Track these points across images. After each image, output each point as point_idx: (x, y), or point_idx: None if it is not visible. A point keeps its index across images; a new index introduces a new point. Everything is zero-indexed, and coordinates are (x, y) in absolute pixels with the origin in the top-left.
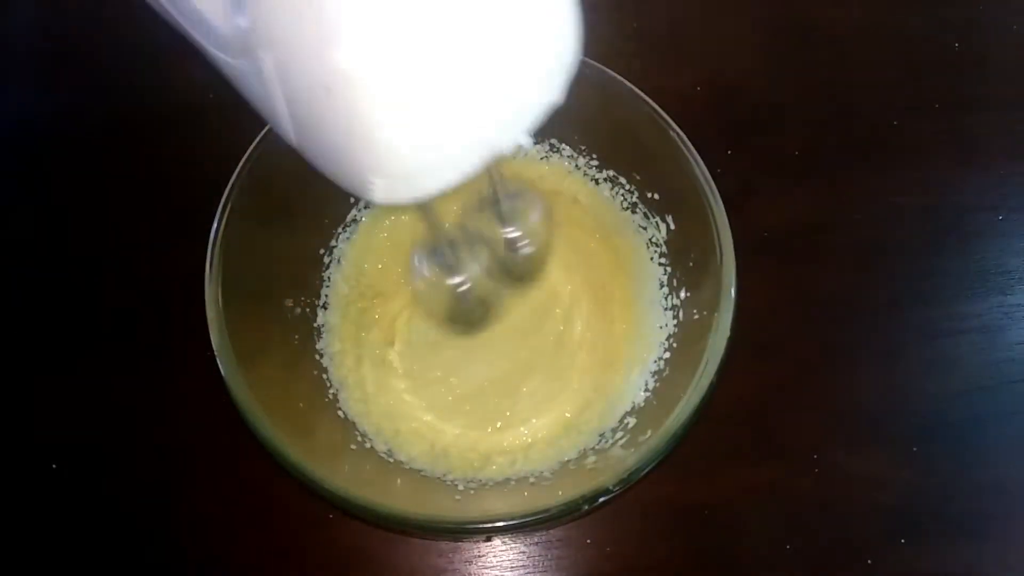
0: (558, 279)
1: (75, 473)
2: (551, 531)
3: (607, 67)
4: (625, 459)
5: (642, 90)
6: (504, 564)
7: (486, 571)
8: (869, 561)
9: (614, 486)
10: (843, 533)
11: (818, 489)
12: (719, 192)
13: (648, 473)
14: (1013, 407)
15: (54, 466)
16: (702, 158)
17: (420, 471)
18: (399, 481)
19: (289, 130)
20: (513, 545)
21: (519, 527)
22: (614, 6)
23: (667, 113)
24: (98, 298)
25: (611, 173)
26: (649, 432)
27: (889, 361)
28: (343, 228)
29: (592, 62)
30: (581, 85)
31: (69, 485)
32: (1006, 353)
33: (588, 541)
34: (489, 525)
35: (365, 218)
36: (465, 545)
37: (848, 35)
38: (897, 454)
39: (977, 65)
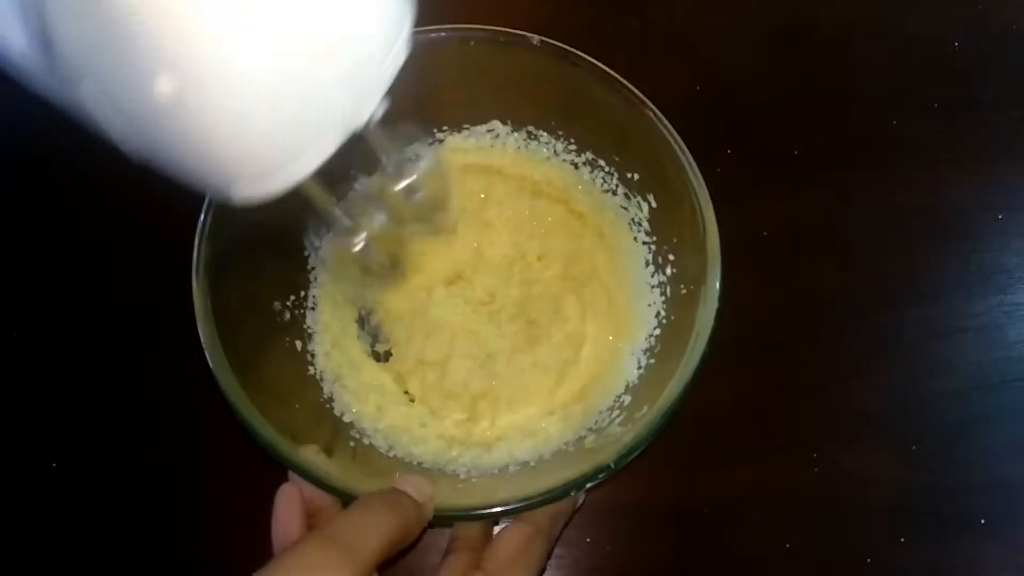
0: (544, 264)
1: (75, 473)
2: None
3: (607, 66)
4: (623, 436)
5: (641, 90)
6: None
7: None
8: (869, 560)
9: (614, 463)
10: (842, 532)
11: (818, 488)
12: (718, 192)
13: (646, 449)
14: (1013, 407)
15: (54, 465)
16: (702, 158)
17: (421, 463)
18: (400, 475)
19: (138, 150)
20: None
21: (523, 510)
22: (615, 5)
23: (667, 113)
24: (97, 299)
25: (590, 156)
26: (645, 408)
27: (888, 361)
28: (326, 229)
29: (560, 44)
30: (554, 70)
31: (69, 485)
32: (1006, 352)
33: (588, 540)
34: (493, 510)
35: None
36: None
37: (848, 35)
38: (897, 454)
39: (977, 65)
